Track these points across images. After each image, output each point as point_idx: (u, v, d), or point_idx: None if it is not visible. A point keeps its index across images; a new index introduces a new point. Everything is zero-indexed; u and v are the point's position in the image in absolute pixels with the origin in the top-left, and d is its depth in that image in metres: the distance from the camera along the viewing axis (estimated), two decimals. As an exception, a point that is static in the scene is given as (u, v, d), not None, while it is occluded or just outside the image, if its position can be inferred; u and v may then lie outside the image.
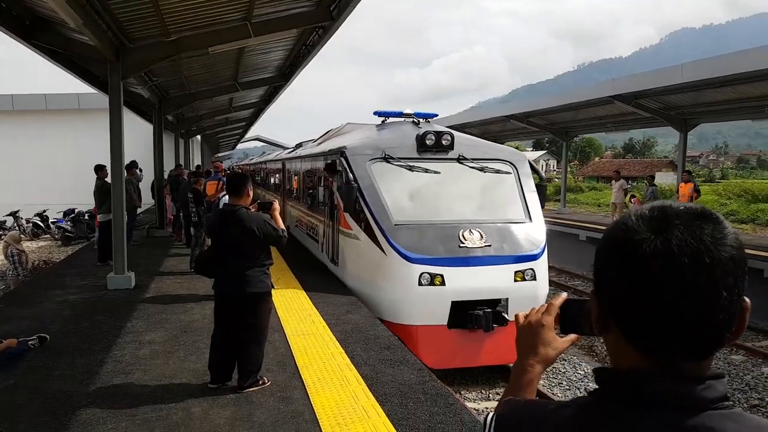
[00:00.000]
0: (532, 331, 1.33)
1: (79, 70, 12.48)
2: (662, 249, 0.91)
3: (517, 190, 9.50)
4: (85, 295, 9.59)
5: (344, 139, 11.46)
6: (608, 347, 1.05)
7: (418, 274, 8.18)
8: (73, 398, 5.44)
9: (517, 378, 1.33)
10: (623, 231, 0.97)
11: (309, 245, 13.61)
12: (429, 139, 9.42)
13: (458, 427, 4.90)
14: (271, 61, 16.07)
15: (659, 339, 0.94)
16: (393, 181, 9.16)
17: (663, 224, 0.94)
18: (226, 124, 32.07)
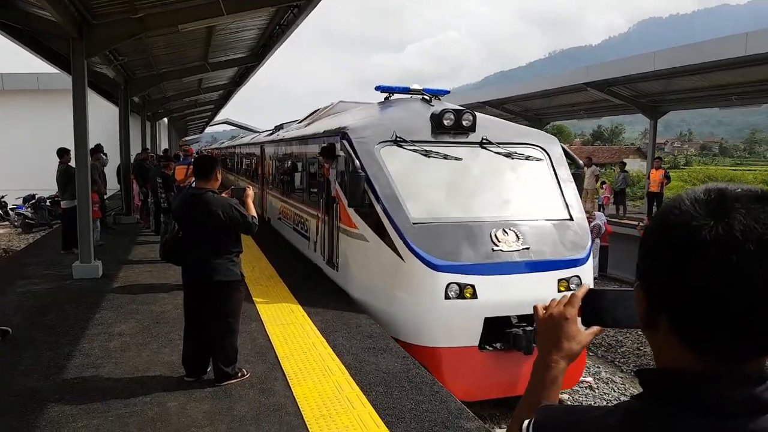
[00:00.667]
0: (555, 324, 1.25)
1: (40, 48, 11.90)
2: (724, 235, 0.83)
3: (552, 181, 8.08)
4: (49, 285, 9.18)
5: (342, 119, 9.88)
6: (654, 345, 0.95)
7: (445, 285, 6.68)
8: (40, 394, 5.14)
9: (541, 375, 1.24)
10: (677, 216, 0.88)
11: (296, 242, 12.09)
12: (447, 119, 7.96)
13: (444, 414, 4.78)
14: (244, 40, 15.63)
15: (719, 336, 0.85)
16: (407, 169, 7.69)
17: (722, 208, 0.85)
18: (195, 106, 31.39)
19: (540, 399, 1.20)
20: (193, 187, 5.73)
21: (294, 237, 12.29)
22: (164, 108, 26.77)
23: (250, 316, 7.33)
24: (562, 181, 8.06)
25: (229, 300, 5.43)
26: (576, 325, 1.24)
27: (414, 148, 7.81)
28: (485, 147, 8.08)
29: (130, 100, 17.55)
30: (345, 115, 10.64)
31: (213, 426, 4.60)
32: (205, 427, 4.59)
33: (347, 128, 8.24)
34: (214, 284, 5.35)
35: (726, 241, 0.82)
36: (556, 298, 1.29)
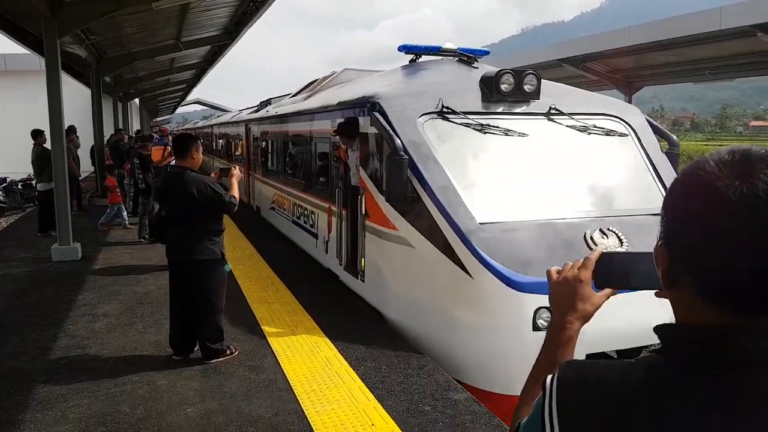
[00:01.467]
0: (569, 286, 1.29)
1: (8, 27, 11.59)
2: (749, 195, 0.84)
3: (643, 162, 6.39)
4: (29, 268, 9.07)
5: (365, 87, 7.98)
6: (675, 303, 0.98)
7: (533, 311, 4.96)
8: (27, 375, 5.13)
9: (555, 336, 1.28)
10: (702, 176, 0.90)
11: (297, 237, 10.31)
12: (506, 83, 6.24)
13: (433, 387, 4.88)
14: (217, 18, 15.41)
15: (740, 292, 0.87)
16: (460, 149, 5.91)
17: (747, 168, 0.87)
18: (167, 86, 30.89)
19: (556, 359, 1.23)
20: (173, 165, 5.73)
21: (294, 232, 10.50)
22: (136, 88, 26.30)
23: (235, 294, 7.35)
24: (657, 163, 6.36)
25: (209, 278, 5.43)
26: (590, 287, 1.28)
27: (466, 121, 6.01)
28: (553, 119, 6.32)
29: (101, 80, 17.20)
30: (363, 83, 8.78)
31: (204, 403, 4.65)
32: (197, 404, 4.64)
33: (378, 97, 6.40)
34: (193, 263, 5.37)
35: (751, 200, 0.84)
36: (569, 262, 1.33)
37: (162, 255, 5.77)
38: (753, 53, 16.03)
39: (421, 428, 4.26)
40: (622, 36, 16.50)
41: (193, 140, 5.62)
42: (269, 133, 12.87)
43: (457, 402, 4.64)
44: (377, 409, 4.53)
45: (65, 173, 9.64)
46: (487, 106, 6.25)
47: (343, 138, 7.26)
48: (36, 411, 4.51)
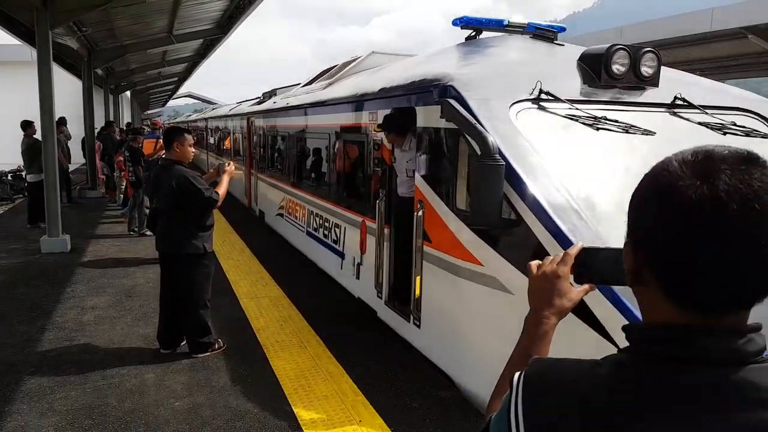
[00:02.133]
0: (547, 281, 1.29)
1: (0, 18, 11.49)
2: (709, 195, 0.85)
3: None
4: (17, 260, 9.03)
5: (422, 68, 5.79)
6: (641, 301, 0.99)
7: None
8: (15, 367, 5.13)
9: (532, 331, 1.28)
10: (665, 176, 0.90)
11: (312, 252, 8.74)
12: (619, 63, 4.83)
13: (422, 384, 4.91)
14: (209, 12, 15.32)
15: (701, 291, 0.88)
16: (571, 151, 4.30)
17: (709, 169, 0.87)
18: (159, 79, 30.67)
19: (530, 353, 1.23)
20: (162, 158, 5.76)
21: (310, 246, 8.85)
22: (127, 81, 26.12)
23: (224, 289, 7.35)
24: None
25: (193, 272, 5.41)
26: (567, 283, 1.28)
27: (573, 111, 4.45)
28: (678, 113, 4.85)
29: (93, 72, 17.09)
30: (411, 65, 6.68)
31: (192, 397, 4.66)
32: (184, 398, 4.65)
33: (451, 78, 4.73)
34: (175, 256, 5.39)
35: (710, 201, 0.85)
36: (549, 256, 1.34)
37: (150, 248, 5.81)
38: (743, 55, 16.17)
39: (410, 425, 4.29)
40: (614, 36, 16.57)
41: (177, 134, 5.55)
42: (278, 127, 11.14)
43: (445, 399, 4.67)
44: (365, 405, 4.55)
45: (56, 165, 9.60)
46: (592, 92, 4.76)
47: (390, 135, 5.77)
48: (23, 403, 4.51)
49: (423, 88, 5.16)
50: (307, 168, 9.47)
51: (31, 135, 11.95)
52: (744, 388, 0.86)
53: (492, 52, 5.93)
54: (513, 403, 1.00)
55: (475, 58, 5.92)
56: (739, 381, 0.86)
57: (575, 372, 0.98)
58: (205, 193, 5.29)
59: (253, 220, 13.14)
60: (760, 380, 0.86)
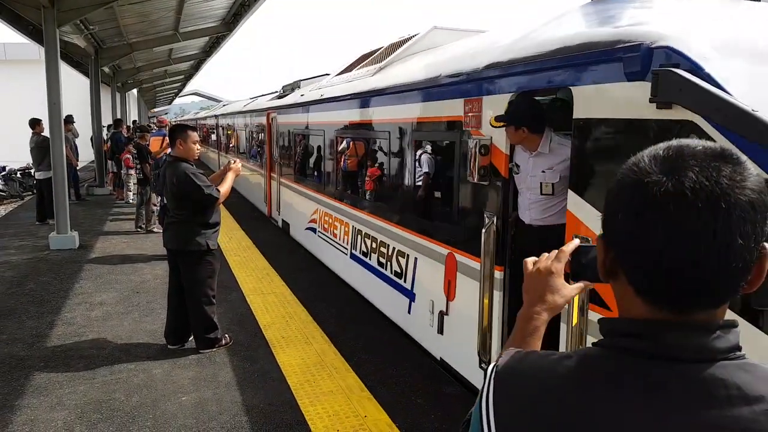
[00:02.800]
0: (541, 278, 1.29)
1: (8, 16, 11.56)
2: (674, 191, 0.84)
3: None
4: (27, 256, 9.12)
5: (565, 30, 3.91)
6: (615, 295, 0.99)
7: None
8: (24, 362, 5.19)
9: (523, 326, 1.28)
10: (635, 172, 0.90)
11: (360, 281, 7.18)
12: None
13: (426, 380, 4.94)
14: (215, 9, 15.37)
15: (669, 288, 0.88)
16: None
17: (677, 165, 0.87)
18: (165, 77, 30.77)
19: (519, 348, 1.23)
20: (168, 155, 5.82)
21: (354, 273, 7.32)
22: (134, 79, 26.20)
23: (230, 285, 7.41)
24: None
25: (197, 269, 5.45)
26: (561, 279, 1.28)
27: None
28: None
29: (100, 70, 17.18)
30: (535, 31, 4.34)
31: (199, 392, 4.71)
32: (191, 392, 4.69)
33: (671, 40, 2.95)
34: (180, 253, 5.45)
35: (675, 198, 0.84)
36: (546, 253, 1.34)
37: (158, 244, 5.87)
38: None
39: (414, 420, 4.32)
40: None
41: (180, 131, 5.55)
42: (310, 124, 9.35)
43: (449, 395, 4.70)
44: (370, 400, 4.58)
45: (63, 162, 9.68)
46: None
47: (519, 131, 4.00)
48: (32, 397, 4.57)
49: (598, 56, 3.32)
50: (352, 174, 7.79)
51: (39, 133, 12.04)
52: (712, 385, 0.85)
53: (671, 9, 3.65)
54: (485, 393, 1.01)
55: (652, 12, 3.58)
56: (708, 378, 0.86)
57: (544, 363, 0.99)
58: (204, 189, 5.28)
59: (272, 229, 11.99)
60: (730, 377, 0.85)
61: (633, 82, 3.03)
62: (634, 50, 3.03)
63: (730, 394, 0.84)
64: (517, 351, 1.08)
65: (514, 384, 1.00)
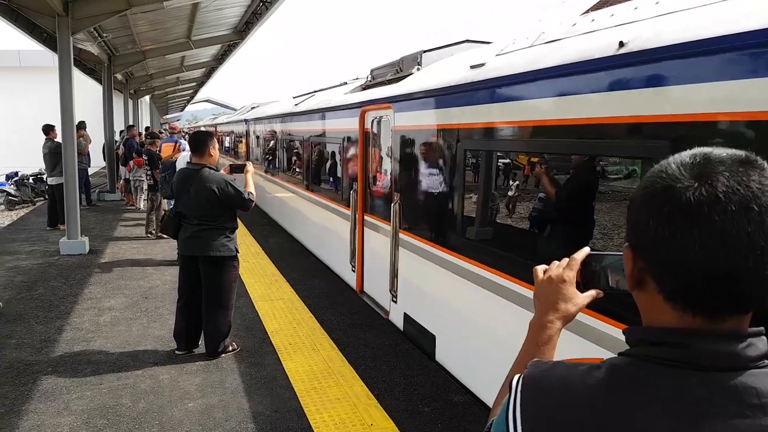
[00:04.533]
0: (553, 286, 1.28)
1: (23, 24, 11.70)
2: (707, 197, 0.85)
3: None
4: (37, 261, 9.18)
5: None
6: (640, 304, 0.99)
7: None
8: (32, 367, 5.21)
9: (535, 335, 1.27)
10: (663, 179, 0.90)
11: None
12: None
13: (433, 388, 4.91)
14: (227, 18, 15.48)
15: (702, 293, 0.87)
16: None
17: (707, 171, 0.87)
18: (177, 84, 30.99)
19: (534, 358, 1.20)
20: (189, 162, 5.75)
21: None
22: (146, 86, 26.41)
23: (238, 291, 7.37)
24: None
25: (224, 275, 5.48)
26: (573, 287, 1.27)
27: None
28: None
29: (113, 77, 17.34)
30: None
31: (205, 398, 4.70)
32: (198, 399, 4.69)
33: None
34: (209, 259, 5.41)
35: (709, 202, 0.84)
36: (556, 261, 1.32)
37: (167, 250, 5.85)
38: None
39: (421, 429, 4.29)
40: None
41: (210, 137, 5.67)
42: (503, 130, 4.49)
43: (456, 404, 4.66)
44: (377, 408, 4.56)
45: (75, 168, 9.75)
46: None
47: None
48: (39, 402, 4.57)
49: None
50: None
51: (53, 138, 12.15)
52: (744, 393, 0.85)
53: None
54: (511, 406, 1.00)
55: None
56: (739, 386, 0.85)
57: (573, 375, 0.97)
58: (244, 194, 5.42)
59: (284, 237, 11.21)
60: (761, 385, 0.85)
61: None
62: None
63: (763, 402, 0.85)
64: (542, 361, 1.07)
65: (542, 394, 0.98)
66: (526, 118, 4.15)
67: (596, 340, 3.30)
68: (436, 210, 5.49)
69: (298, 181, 10.99)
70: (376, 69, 8.16)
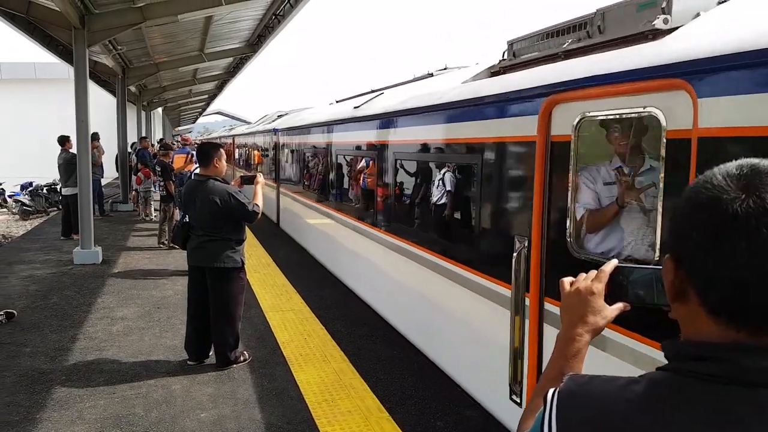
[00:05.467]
0: (581, 298, 1.26)
1: (40, 36, 11.92)
2: (755, 208, 0.83)
3: None
4: (51, 270, 9.27)
5: None
6: (681, 317, 0.97)
7: None
8: (46, 375, 5.25)
9: (564, 348, 1.25)
10: (709, 190, 0.88)
11: None
12: None
13: (446, 402, 4.88)
14: (240, 30, 15.66)
15: (745, 307, 0.85)
16: None
17: (753, 182, 0.86)
18: (189, 96, 31.31)
19: (563, 371, 1.20)
20: (197, 173, 5.82)
21: None
22: (159, 98, 26.71)
23: (249, 302, 7.41)
24: None
25: (229, 286, 5.51)
26: (602, 300, 1.25)
27: None
28: None
29: (127, 89, 17.56)
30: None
31: (217, 408, 4.71)
32: (210, 409, 4.70)
33: None
34: (214, 270, 5.44)
35: (757, 214, 0.83)
36: (583, 273, 1.30)
37: (180, 261, 5.89)
38: None
39: (432, 441, 4.26)
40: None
41: (215, 149, 5.71)
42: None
43: (469, 418, 4.63)
44: (389, 421, 4.54)
45: (89, 179, 9.87)
46: None
47: None
48: (53, 411, 4.60)
49: None
50: None
51: (68, 149, 12.30)
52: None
53: None
54: (547, 420, 0.99)
55: None
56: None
57: (610, 389, 0.96)
58: (248, 206, 5.43)
59: (292, 246, 11.23)
60: None
61: None
62: None
63: None
64: (578, 375, 1.06)
65: (579, 408, 0.97)
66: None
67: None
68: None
69: (371, 221, 7.32)
70: (518, 40, 5.08)
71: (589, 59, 3.75)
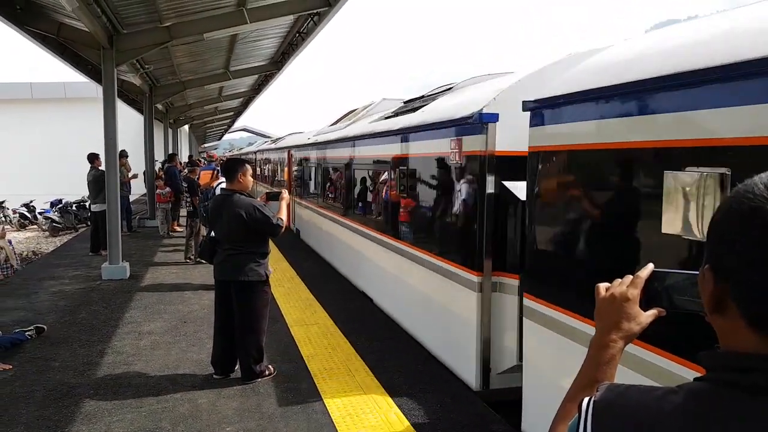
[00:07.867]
0: (616, 304, 1.24)
1: (70, 57, 12.23)
2: None
3: None
4: (80, 286, 9.43)
5: None
6: (719, 328, 0.94)
7: None
8: (75, 390, 5.32)
9: (598, 355, 1.24)
10: (751, 199, 0.86)
11: None
12: None
13: (472, 417, 4.84)
14: (264, 48, 15.87)
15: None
16: None
17: None
18: (215, 113, 31.76)
19: (596, 378, 1.19)
20: (223, 188, 5.91)
21: None
22: (185, 115, 27.15)
23: (274, 316, 7.44)
24: None
25: (253, 300, 5.55)
26: (637, 306, 1.24)
27: None
28: None
29: (154, 107, 17.90)
30: None
31: (243, 422, 4.72)
32: (236, 423, 4.71)
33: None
34: (238, 284, 5.49)
35: None
36: (618, 279, 1.29)
37: (206, 275, 5.95)
38: None
39: (457, 456, 4.22)
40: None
41: (240, 164, 5.80)
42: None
43: (495, 432, 4.59)
44: (413, 435, 4.51)
45: (117, 195, 10.04)
46: None
47: None
48: (82, 424, 4.66)
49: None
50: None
51: (97, 167, 12.54)
52: None
53: None
54: (582, 427, 0.97)
55: None
56: None
57: (649, 399, 0.94)
58: (272, 220, 5.48)
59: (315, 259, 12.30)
60: None
61: None
62: None
63: None
64: (615, 384, 1.04)
65: (616, 419, 0.95)
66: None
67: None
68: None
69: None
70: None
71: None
